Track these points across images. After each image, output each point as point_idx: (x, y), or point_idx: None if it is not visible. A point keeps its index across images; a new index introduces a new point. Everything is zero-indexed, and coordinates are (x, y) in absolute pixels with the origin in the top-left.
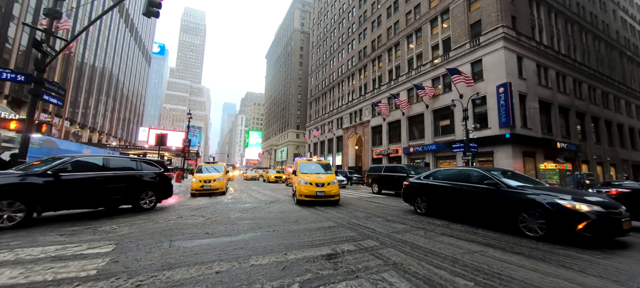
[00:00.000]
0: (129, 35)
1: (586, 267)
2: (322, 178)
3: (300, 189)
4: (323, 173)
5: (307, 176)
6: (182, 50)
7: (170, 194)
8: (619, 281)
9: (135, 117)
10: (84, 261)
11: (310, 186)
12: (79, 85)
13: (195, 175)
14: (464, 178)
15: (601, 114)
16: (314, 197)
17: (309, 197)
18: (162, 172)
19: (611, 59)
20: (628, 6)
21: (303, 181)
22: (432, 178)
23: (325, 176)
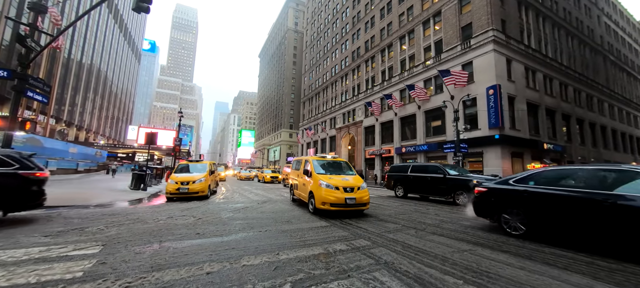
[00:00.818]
0: (118, 31)
1: (570, 265)
2: (349, 180)
3: (322, 195)
4: (345, 174)
5: (329, 178)
6: (174, 48)
7: (30, 202)
8: (600, 278)
9: (124, 115)
10: (69, 263)
11: (337, 191)
12: (65, 82)
13: (173, 176)
14: (607, 184)
15: (586, 116)
16: (343, 205)
17: (336, 205)
18: (12, 172)
19: (595, 63)
20: (611, 12)
21: (325, 184)
22: (533, 183)
23: (351, 178)
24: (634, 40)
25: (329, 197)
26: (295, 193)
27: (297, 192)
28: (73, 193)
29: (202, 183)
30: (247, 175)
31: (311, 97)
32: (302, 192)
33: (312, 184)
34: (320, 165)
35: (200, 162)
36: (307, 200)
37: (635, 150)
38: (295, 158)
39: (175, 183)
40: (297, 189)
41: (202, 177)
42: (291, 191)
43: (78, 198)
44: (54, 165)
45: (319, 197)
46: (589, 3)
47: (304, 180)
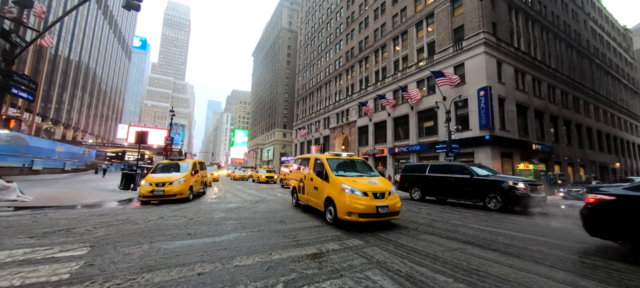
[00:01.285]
0: (107, 27)
1: (557, 262)
2: (377, 184)
3: (347, 203)
4: (368, 175)
5: (353, 181)
6: (165, 45)
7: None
8: (584, 274)
9: (114, 113)
10: (55, 265)
11: (365, 198)
12: (52, 79)
13: (148, 177)
14: None
15: (572, 118)
16: (375, 215)
17: (366, 216)
18: None
19: (582, 66)
20: (597, 16)
21: (350, 189)
22: None
23: (378, 180)
24: (618, 44)
25: (356, 205)
26: (301, 198)
27: (304, 196)
28: (60, 193)
29: (181, 184)
30: (242, 175)
31: (305, 96)
32: (312, 197)
33: (331, 189)
34: (336, 165)
35: (182, 160)
36: (321, 208)
37: (619, 151)
38: (299, 156)
39: (149, 184)
40: (302, 193)
41: (181, 178)
42: (294, 194)
43: (65, 198)
44: (40, 165)
45: (343, 206)
46: (576, 8)
47: (315, 183)
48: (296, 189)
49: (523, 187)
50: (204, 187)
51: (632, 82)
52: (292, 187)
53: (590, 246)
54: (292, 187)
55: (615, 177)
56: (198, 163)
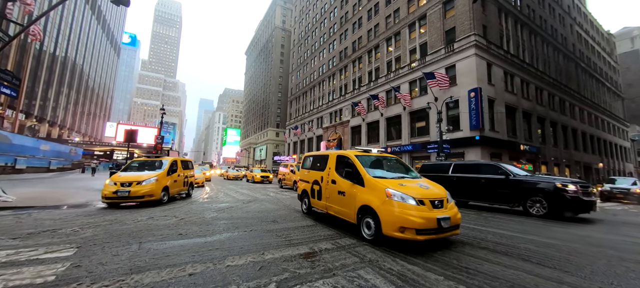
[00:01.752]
0: (95, 23)
1: (543, 260)
2: (431, 189)
3: (397, 214)
4: (412, 177)
5: (399, 184)
6: (156, 42)
7: None
8: (569, 271)
9: (102, 111)
10: (40, 266)
11: (422, 208)
12: (36, 74)
13: (115, 175)
14: None
15: (559, 119)
16: (435, 231)
17: (425, 232)
18: None
19: (568, 70)
20: (583, 21)
21: (399, 195)
22: None
23: (428, 183)
24: (602, 48)
25: (411, 217)
26: (316, 205)
27: (321, 202)
28: (45, 192)
29: (152, 184)
30: (236, 174)
31: (298, 96)
32: (336, 205)
33: (368, 195)
34: (369, 163)
35: (160, 158)
36: (351, 219)
37: (601, 152)
38: (309, 154)
39: (113, 184)
40: (318, 198)
41: (152, 177)
42: (304, 200)
43: (50, 198)
44: (24, 163)
45: (392, 218)
46: (563, 12)
47: (340, 187)
48: (307, 193)
49: (574, 189)
50: (189, 188)
51: (615, 86)
52: (301, 190)
53: None
54: (301, 191)
55: (598, 177)
56: (181, 161)
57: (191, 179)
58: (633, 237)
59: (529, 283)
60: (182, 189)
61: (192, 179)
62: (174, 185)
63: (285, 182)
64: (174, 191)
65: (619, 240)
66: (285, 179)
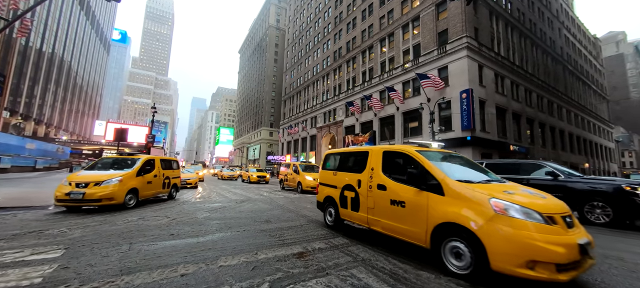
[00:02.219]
0: (84, 18)
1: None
2: (550, 200)
3: (523, 239)
4: (499, 181)
5: (504, 192)
6: (147, 40)
7: None
8: None
9: (91, 109)
10: (26, 268)
11: (555, 229)
12: (22, 71)
13: (72, 175)
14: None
15: (547, 121)
16: (577, 264)
17: (568, 266)
18: None
19: (556, 72)
20: (570, 25)
21: (521, 210)
22: None
23: (537, 191)
24: (588, 52)
25: (545, 245)
26: (352, 218)
27: (361, 215)
28: (31, 192)
29: (113, 186)
30: (230, 174)
31: (292, 95)
32: (392, 221)
33: (457, 207)
34: (440, 161)
35: (134, 156)
36: (420, 241)
37: (587, 152)
38: (334, 150)
39: (68, 184)
40: (353, 208)
41: (115, 178)
42: (327, 210)
43: (36, 198)
44: (8, 162)
45: (511, 246)
46: (551, 16)
47: (397, 195)
48: (334, 202)
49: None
50: (172, 190)
51: (601, 88)
52: (323, 197)
53: None
54: (323, 198)
55: None
56: (161, 160)
57: (175, 180)
58: None
59: None
60: (160, 191)
61: (177, 180)
62: (147, 187)
63: (288, 183)
64: (148, 193)
65: None
66: (288, 180)
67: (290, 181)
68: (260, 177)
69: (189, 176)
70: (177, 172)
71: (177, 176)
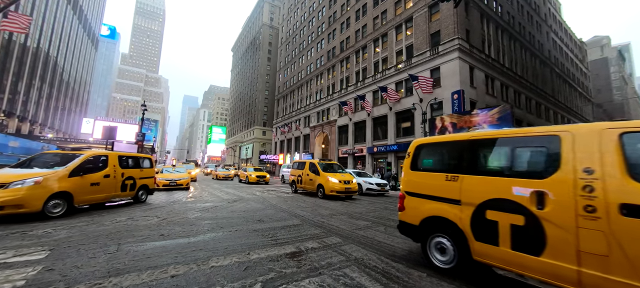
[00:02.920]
0: (71, 12)
1: None
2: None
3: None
4: None
5: None
6: (137, 36)
7: None
8: None
9: (78, 106)
10: (8, 271)
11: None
12: (5, 66)
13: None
14: None
15: (535, 122)
16: None
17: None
18: None
19: (544, 74)
20: (558, 29)
21: None
22: None
23: None
24: (575, 55)
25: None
26: (509, 264)
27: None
28: None
29: (26, 189)
30: (226, 174)
31: (286, 94)
32: None
33: None
34: None
35: (79, 152)
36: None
37: None
38: (441, 138)
39: None
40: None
41: (30, 178)
42: (437, 238)
43: None
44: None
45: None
46: (540, 20)
47: None
48: (456, 229)
49: None
50: (138, 193)
51: (586, 91)
52: (423, 218)
53: None
54: (422, 220)
55: None
56: (119, 157)
57: (146, 182)
58: None
59: None
60: (116, 195)
61: (147, 181)
62: (90, 190)
63: (303, 186)
64: (93, 198)
65: None
66: (304, 182)
67: (306, 183)
68: (260, 177)
69: (180, 176)
70: (149, 171)
71: (148, 176)
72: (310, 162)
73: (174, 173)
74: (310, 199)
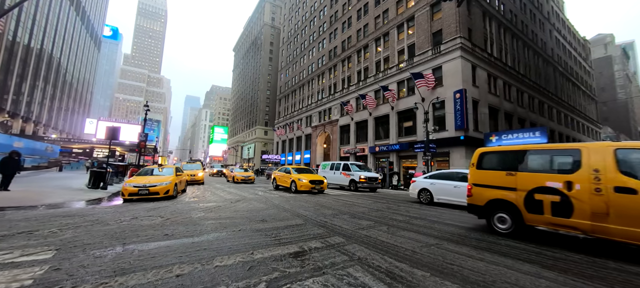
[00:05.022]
0: (74, 14)
1: (520, 254)
2: None
3: None
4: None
5: None
6: (139, 36)
7: None
8: (547, 266)
9: (81, 107)
10: (16, 270)
11: None
12: (9, 68)
13: None
14: None
15: (538, 121)
16: None
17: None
18: None
19: (547, 73)
20: (561, 27)
21: None
22: None
23: None
24: (578, 53)
25: None
26: (555, 223)
27: (573, 220)
28: (19, 192)
29: None
30: (245, 176)
31: (287, 94)
32: None
33: None
34: None
35: None
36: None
37: None
38: (495, 148)
39: None
40: (559, 213)
41: None
42: (494, 215)
43: (26, 198)
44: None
45: None
46: (543, 18)
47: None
48: (516, 207)
49: None
50: None
51: (590, 89)
52: (488, 199)
53: None
54: (488, 201)
55: None
56: None
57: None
58: None
59: None
60: None
61: None
62: None
63: (281, 183)
64: None
65: None
66: (281, 181)
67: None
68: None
69: (157, 180)
70: None
71: None
72: (286, 167)
73: (153, 176)
74: (313, 199)
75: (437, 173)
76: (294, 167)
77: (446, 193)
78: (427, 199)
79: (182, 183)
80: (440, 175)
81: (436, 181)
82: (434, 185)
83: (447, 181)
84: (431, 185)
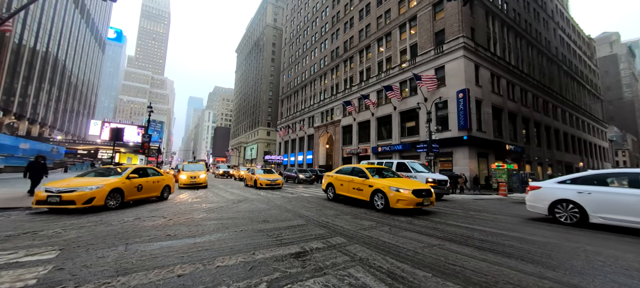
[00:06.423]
0: (79, 17)
1: (525, 255)
2: None
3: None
4: None
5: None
6: (143, 38)
7: None
8: (551, 266)
9: (86, 108)
10: (20, 270)
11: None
12: (15, 70)
13: None
14: None
15: (542, 120)
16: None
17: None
18: None
19: (551, 72)
20: (565, 26)
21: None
22: None
23: None
24: (583, 52)
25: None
26: None
27: None
28: (24, 193)
29: None
30: (272, 179)
31: (290, 95)
32: None
33: None
34: None
35: None
36: None
37: (582, 151)
38: None
39: None
40: None
41: None
42: None
43: (31, 199)
44: (2, 163)
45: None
46: (547, 16)
47: None
48: None
49: None
50: None
51: (595, 88)
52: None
53: None
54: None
55: None
56: None
57: None
58: None
59: None
60: None
61: None
62: None
63: (248, 182)
64: None
65: None
66: (248, 180)
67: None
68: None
69: (83, 184)
70: None
71: None
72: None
73: (84, 179)
74: (315, 200)
75: (589, 176)
76: (262, 167)
77: (623, 210)
78: (573, 218)
79: (155, 190)
80: (598, 178)
81: (592, 188)
82: (590, 196)
83: (620, 189)
84: (581, 196)
